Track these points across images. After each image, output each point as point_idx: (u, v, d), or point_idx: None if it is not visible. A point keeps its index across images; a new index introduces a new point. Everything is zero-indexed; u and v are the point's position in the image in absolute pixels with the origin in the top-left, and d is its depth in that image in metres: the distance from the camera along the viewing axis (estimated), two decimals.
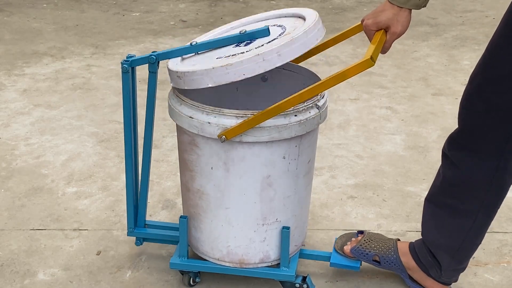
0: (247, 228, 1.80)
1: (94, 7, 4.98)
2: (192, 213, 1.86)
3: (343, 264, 1.97)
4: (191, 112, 1.69)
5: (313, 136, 1.81)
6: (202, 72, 1.61)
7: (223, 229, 1.82)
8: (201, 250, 1.90)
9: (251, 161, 1.71)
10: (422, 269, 1.92)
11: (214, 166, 1.73)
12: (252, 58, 1.57)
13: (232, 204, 1.77)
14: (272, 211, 1.79)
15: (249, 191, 1.75)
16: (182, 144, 1.80)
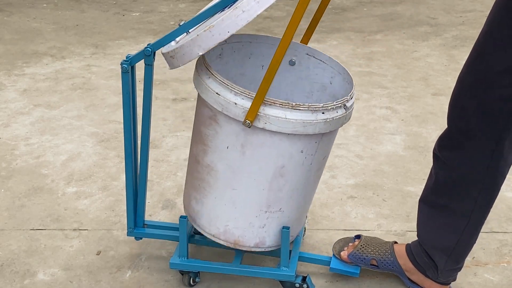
0: (249, 212, 1.79)
1: (94, 7, 4.98)
2: (196, 185, 1.84)
3: (342, 270, 1.98)
4: (218, 88, 1.65)
5: (334, 135, 1.80)
6: (189, 43, 1.60)
7: (225, 208, 1.80)
8: (198, 223, 1.89)
9: (269, 149, 1.68)
10: (419, 270, 1.92)
11: (230, 146, 1.70)
12: (232, 13, 1.54)
13: (241, 186, 1.75)
14: (278, 200, 1.78)
15: (260, 177, 1.73)
16: (201, 117, 1.76)
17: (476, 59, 1.64)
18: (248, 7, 1.53)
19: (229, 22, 1.55)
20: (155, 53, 1.75)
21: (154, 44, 1.73)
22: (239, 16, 1.54)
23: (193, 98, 3.35)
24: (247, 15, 1.54)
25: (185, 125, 3.04)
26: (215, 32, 1.56)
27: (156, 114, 3.12)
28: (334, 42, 4.26)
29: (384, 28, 4.47)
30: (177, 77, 3.59)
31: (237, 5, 1.54)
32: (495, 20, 1.59)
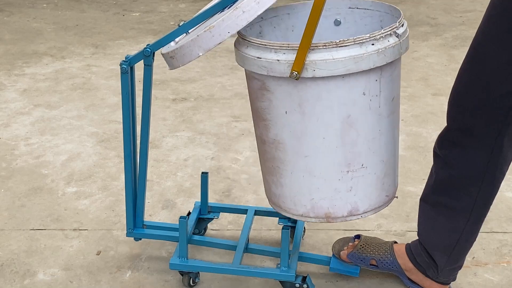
0: (330, 177, 1.66)
1: (94, 7, 4.98)
2: (270, 168, 1.73)
3: (342, 269, 1.98)
4: (258, 52, 1.57)
5: (395, 70, 1.68)
6: (189, 44, 1.59)
7: (304, 180, 1.67)
8: (284, 207, 1.76)
9: (327, 99, 1.56)
10: (419, 269, 1.92)
11: (288, 109, 1.60)
12: (232, 14, 1.54)
13: (311, 151, 1.63)
14: (357, 155, 1.64)
15: (329, 134, 1.60)
16: (253, 92, 1.67)
17: (474, 57, 1.64)
18: (249, 8, 1.53)
19: (230, 22, 1.54)
20: (154, 53, 1.74)
21: (154, 44, 1.73)
22: (239, 16, 1.54)
23: (193, 98, 3.35)
24: (248, 15, 1.53)
25: (185, 125, 3.04)
26: (215, 33, 1.56)
27: (156, 114, 3.12)
28: None
29: None
30: (177, 77, 3.59)
31: (238, 6, 1.54)
32: (492, 17, 1.59)
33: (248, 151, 2.80)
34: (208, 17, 1.70)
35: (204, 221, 2.17)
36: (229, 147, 2.84)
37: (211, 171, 2.62)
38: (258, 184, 2.53)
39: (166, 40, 1.73)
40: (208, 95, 3.39)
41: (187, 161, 2.71)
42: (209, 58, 3.88)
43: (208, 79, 3.60)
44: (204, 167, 2.66)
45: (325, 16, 1.81)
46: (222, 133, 2.97)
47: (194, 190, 2.49)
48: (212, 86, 3.52)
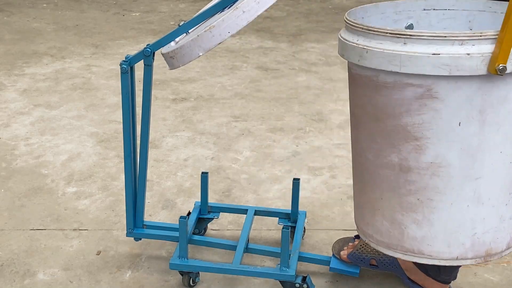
0: (499, 202, 1.39)
1: (94, 7, 4.98)
2: (412, 203, 1.41)
3: (342, 270, 1.98)
4: (433, 47, 1.26)
5: None
6: (190, 44, 1.57)
7: (468, 210, 1.39)
8: (429, 252, 1.45)
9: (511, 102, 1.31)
10: (420, 269, 1.92)
11: (463, 120, 1.31)
12: (233, 14, 1.52)
13: (486, 171, 1.35)
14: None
15: (507, 147, 1.34)
16: (398, 105, 1.34)
17: None
18: (249, 8, 1.51)
19: (230, 22, 1.53)
20: (154, 53, 1.74)
21: (154, 44, 1.73)
22: (239, 16, 1.53)
23: (193, 98, 3.35)
24: (248, 15, 1.52)
25: (185, 125, 3.04)
26: (215, 33, 1.55)
27: (156, 114, 3.12)
28: (334, 42, 4.25)
29: None
30: (177, 77, 3.59)
31: (238, 6, 1.54)
32: None
33: (248, 151, 2.80)
34: (208, 17, 1.70)
35: (204, 221, 2.17)
36: (229, 147, 2.84)
37: (211, 171, 2.62)
38: (258, 184, 2.53)
39: (166, 40, 1.72)
40: (208, 95, 3.39)
41: (187, 161, 2.71)
42: (209, 58, 3.88)
43: (208, 79, 3.60)
44: (204, 167, 2.66)
45: (395, 20, 1.63)
46: (222, 133, 2.97)
47: (194, 190, 2.49)
48: (212, 86, 3.52)
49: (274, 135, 2.96)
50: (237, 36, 4.31)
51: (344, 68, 3.68)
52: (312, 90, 3.51)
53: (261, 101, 3.35)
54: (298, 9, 4.95)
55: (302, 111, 3.22)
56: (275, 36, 4.49)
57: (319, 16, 4.91)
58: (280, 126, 3.05)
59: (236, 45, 4.19)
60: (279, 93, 3.47)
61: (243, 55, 4.01)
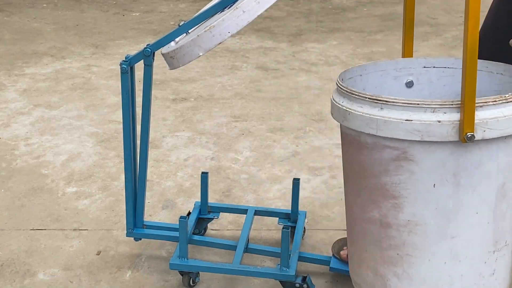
0: (477, 260, 1.42)
1: (94, 7, 4.98)
2: (392, 257, 1.45)
3: (342, 270, 1.97)
4: (406, 114, 1.31)
5: None
6: (190, 44, 1.57)
7: (446, 267, 1.42)
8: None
9: (487, 166, 1.35)
10: None
11: (438, 182, 1.35)
12: (232, 14, 1.52)
13: (461, 230, 1.39)
14: (503, 232, 1.43)
15: (483, 208, 1.38)
16: (376, 165, 1.40)
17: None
18: (249, 8, 1.50)
19: (230, 22, 1.52)
20: (154, 53, 1.74)
21: (154, 44, 1.73)
22: (239, 16, 1.52)
23: (193, 98, 3.35)
24: (248, 15, 1.51)
25: (185, 125, 3.04)
26: (215, 33, 1.55)
27: (156, 114, 3.12)
28: (334, 42, 4.26)
29: (384, 28, 4.47)
30: (177, 77, 3.60)
31: (238, 6, 1.54)
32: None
33: (248, 151, 2.80)
34: (208, 17, 1.70)
35: (204, 221, 2.17)
36: (229, 147, 2.84)
37: (211, 171, 2.62)
38: (258, 184, 2.53)
39: (166, 40, 1.73)
40: (208, 95, 3.39)
41: (187, 161, 2.71)
42: (209, 58, 3.88)
43: (208, 79, 3.60)
44: (204, 167, 2.66)
45: (395, 77, 1.66)
46: (222, 133, 2.97)
47: (194, 190, 2.49)
48: (212, 86, 3.51)
49: (274, 135, 2.96)
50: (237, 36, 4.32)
51: (344, 67, 3.68)
52: (312, 90, 3.51)
53: (261, 101, 3.35)
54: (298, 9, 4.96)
55: (302, 111, 3.22)
56: (275, 36, 4.49)
57: (319, 16, 4.92)
58: (280, 126, 3.05)
59: (236, 45, 4.19)
60: (279, 93, 3.47)
61: (243, 55, 4.01)
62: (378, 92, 1.64)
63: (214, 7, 1.70)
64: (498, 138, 1.33)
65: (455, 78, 1.62)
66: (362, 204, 1.47)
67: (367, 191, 1.44)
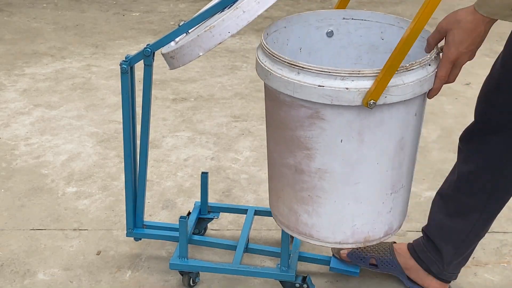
0: (376, 201, 1.64)
1: (94, 7, 4.98)
2: (304, 198, 1.65)
3: (342, 269, 1.98)
4: (319, 80, 1.46)
5: None
6: (190, 44, 1.58)
7: (349, 208, 1.63)
8: (317, 237, 1.69)
9: (388, 125, 1.53)
10: (422, 266, 1.92)
11: (345, 138, 1.53)
12: (233, 13, 1.53)
13: (363, 178, 1.59)
14: (401, 177, 1.64)
15: (383, 159, 1.57)
16: (293, 120, 1.56)
17: (508, 54, 1.63)
18: (249, 8, 1.52)
19: (230, 22, 1.53)
20: (154, 53, 1.74)
21: (154, 44, 1.73)
22: (239, 16, 1.53)
23: (193, 98, 3.35)
24: (248, 15, 1.52)
25: (185, 125, 3.04)
26: (215, 33, 1.55)
27: (156, 114, 3.12)
28: None
29: None
30: (177, 77, 3.60)
31: (238, 6, 1.54)
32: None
33: (248, 151, 2.80)
34: (208, 17, 1.70)
35: (204, 221, 2.17)
36: (229, 147, 2.84)
37: (211, 171, 2.62)
38: (258, 184, 2.53)
39: (166, 40, 1.73)
40: (208, 95, 3.39)
41: (187, 161, 2.71)
42: (209, 58, 3.88)
43: (208, 79, 3.60)
44: (204, 167, 2.66)
45: (317, 27, 1.81)
46: (222, 133, 2.97)
47: (194, 190, 2.49)
48: (212, 86, 3.51)
49: None
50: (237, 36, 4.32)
51: None
52: None
53: (261, 101, 3.35)
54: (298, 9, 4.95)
55: None
56: None
57: None
58: None
59: (236, 45, 4.19)
60: None
61: (243, 55, 4.01)
62: (302, 42, 1.80)
63: (214, 7, 1.70)
64: (399, 102, 1.49)
65: (370, 30, 1.78)
66: (280, 152, 1.65)
67: (284, 142, 1.61)
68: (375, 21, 1.78)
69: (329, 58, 1.85)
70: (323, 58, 1.85)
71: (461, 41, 1.48)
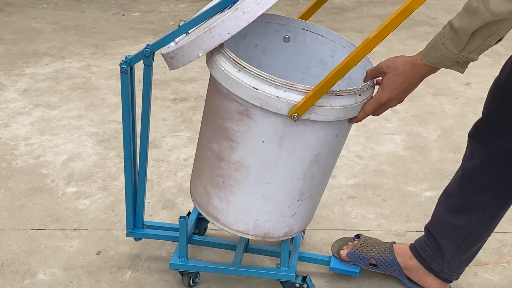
0: (283, 204, 1.74)
1: (94, 7, 4.98)
2: (219, 183, 1.75)
3: (342, 269, 1.98)
4: (255, 82, 1.55)
5: None
6: (189, 44, 1.59)
7: (256, 203, 1.73)
8: (222, 221, 1.79)
9: (308, 138, 1.62)
10: (423, 264, 1.92)
11: (266, 140, 1.63)
12: (232, 14, 1.54)
13: (275, 180, 1.69)
14: (311, 187, 1.74)
15: (297, 168, 1.67)
16: (226, 112, 1.65)
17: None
18: (249, 8, 1.53)
19: (230, 23, 1.54)
20: (154, 53, 1.74)
21: (153, 44, 1.73)
22: (239, 17, 1.53)
23: (193, 98, 3.35)
24: (248, 16, 1.53)
25: (185, 125, 3.04)
26: (215, 33, 1.56)
27: (156, 114, 3.12)
28: None
29: None
30: (177, 77, 3.60)
31: (238, 6, 1.54)
32: None
33: None
34: (208, 18, 1.70)
35: (204, 221, 2.17)
36: None
37: None
38: None
39: (166, 40, 1.73)
40: None
41: (187, 161, 2.71)
42: None
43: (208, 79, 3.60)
44: None
45: (276, 30, 1.89)
46: None
47: None
48: None
49: None
50: None
51: None
52: None
53: None
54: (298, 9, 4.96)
55: None
56: None
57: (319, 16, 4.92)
58: None
59: None
60: None
61: None
62: (259, 40, 1.89)
63: (214, 8, 1.70)
64: (322, 121, 1.59)
65: (324, 45, 1.86)
66: (208, 135, 1.74)
67: (214, 128, 1.71)
68: (330, 39, 1.86)
69: (281, 61, 1.93)
70: (275, 59, 1.94)
71: (394, 88, 1.55)
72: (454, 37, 1.40)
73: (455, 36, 1.40)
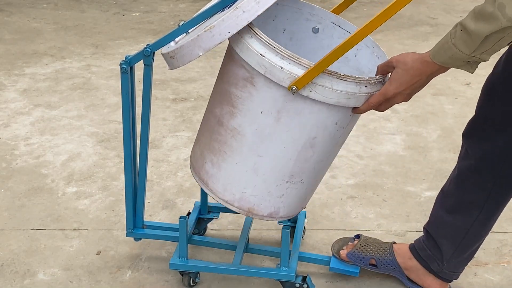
0: (271, 181, 1.74)
1: (94, 7, 4.98)
2: (214, 148, 1.76)
3: (342, 269, 1.98)
4: (263, 49, 1.56)
5: None
6: (190, 44, 1.59)
7: (246, 174, 1.73)
8: (211, 187, 1.80)
9: (306, 118, 1.62)
10: (422, 265, 1.92)
11: (265, 111, 1.63)
12: (233, 13, 1.54)
13: (268, 154, 1.69)
14: (302, 171, 1.73)
15: (290, 146, 1.67)
16: (233, 77, 1.67)
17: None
18: (249, 7, 1.53)
19: (230, 22, 1.54)
20: (154, 53, 1.74)
21: (154, 44, 1.73)
22: (239, 16, 1.53)
23: (193, 98, 3.35)
24: (248, 15, 1.53)
25: (185, 125, 3.04)
26: (215, 33, 1.56)
27: (156, 114, 3.12)
28: None
29: (384, 28, 4.47)
30: (177, 77, 3.60)
31: (238, 6, 1.54)
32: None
33: None
34: (208, 17, 1.70)
35: (204, 221, 2.17)
36: None
37: None
38: None
39: (166, 40, 1.73)
40: (208, 95, 3.39)
41: (187, 161, 2.71)
42: (209, 58, 3.88)
43: (208, 79, 3.61)
44: None
45: (307, 19, 1.89)
46: None
47: (194, 190, 2.49)
48: (212, 86, 3.52)
49: None
50: None
51: None
52: None
53: None
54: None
55: None
56: None
57: None
58: None
59: None
60: None
61: None
62: (288, 25, 1.90)
63: (214, 7, 1.70)
64: (322, 102, 1.58)
65: None
66: (213, 100, 1.77)
67: (220, 92, 1.73)
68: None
69: (306, 51, 1.92)
70: (300, 48, 1.92)
71: (402, 83, 1.54)
72: (467, 38, 1.39)
73: (468, 38, 1.39)
